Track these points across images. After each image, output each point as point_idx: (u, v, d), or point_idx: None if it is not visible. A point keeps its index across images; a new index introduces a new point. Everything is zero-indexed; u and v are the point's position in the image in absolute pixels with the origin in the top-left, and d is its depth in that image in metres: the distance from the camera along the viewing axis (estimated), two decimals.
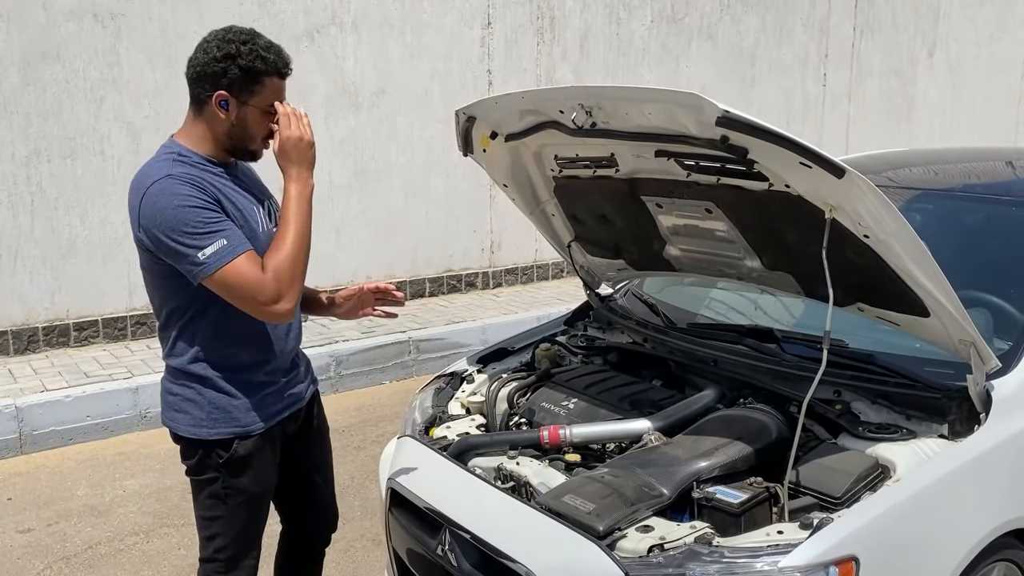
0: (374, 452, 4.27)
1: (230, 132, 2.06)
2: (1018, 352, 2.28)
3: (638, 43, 7.76)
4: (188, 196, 1.95)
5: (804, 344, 2.44)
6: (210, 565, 2.23)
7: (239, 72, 2.00)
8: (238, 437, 2.12)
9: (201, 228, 1.93)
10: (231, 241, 1.95)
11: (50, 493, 3.99)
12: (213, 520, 2.19)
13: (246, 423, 2.13)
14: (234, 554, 2.21)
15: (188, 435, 2.13)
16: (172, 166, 2.00)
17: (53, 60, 5.22)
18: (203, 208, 1.95)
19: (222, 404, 2.11)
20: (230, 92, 2.01)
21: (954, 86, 10.35)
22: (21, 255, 5.29)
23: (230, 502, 2.17)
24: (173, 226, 1.93)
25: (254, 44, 2.01)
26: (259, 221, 2.12)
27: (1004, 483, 2.14)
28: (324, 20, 6.09)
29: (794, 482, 2.03)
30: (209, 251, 1.93)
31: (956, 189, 3.27)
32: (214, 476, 2.15)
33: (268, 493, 2.27)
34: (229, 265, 1.93)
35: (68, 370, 5.01)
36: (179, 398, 2.14)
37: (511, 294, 7.10)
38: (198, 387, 2.11)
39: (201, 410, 2.11)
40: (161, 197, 1.95)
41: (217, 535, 2.19)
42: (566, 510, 1.99)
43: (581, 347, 2.96)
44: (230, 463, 2.13)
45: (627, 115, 2.14)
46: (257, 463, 2.17)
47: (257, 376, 2.15)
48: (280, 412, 2.21)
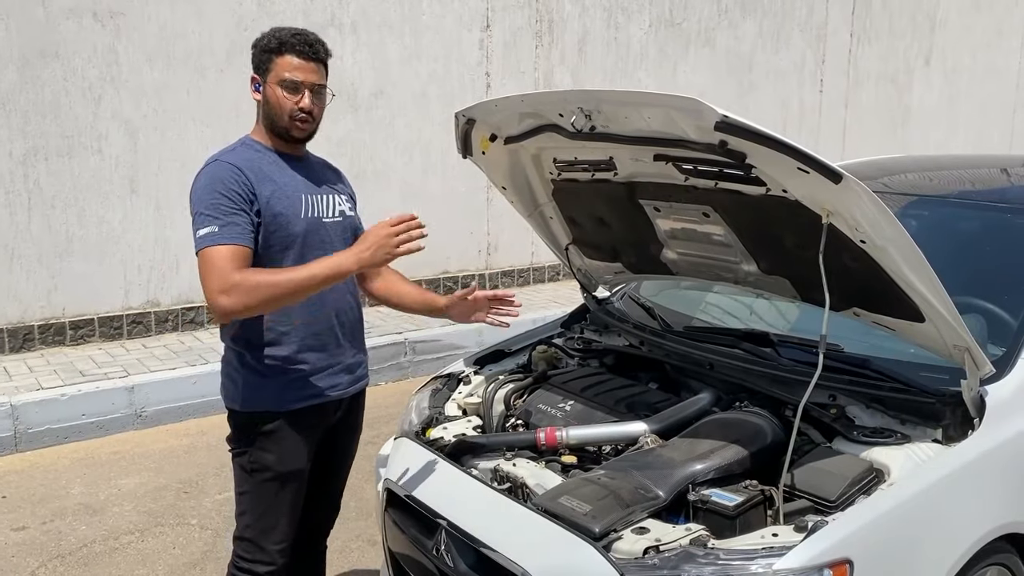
0: (369, 453, 4.25)
1: (265, 112, 2.25)
2: (1012, 358, 2.30)
3: (636, 47, 7.78)
4: (220, 180, 2.14)
5: (800, 348, 2.45)
6: (240, 544, 2.32)
7: (258, 53, 2.24)
8: (265, 413, 2.24)
9: (207, 211, 2.12)
10: (221, 231, 2.10)
11: (45, 491, 3.98)
12: (242, 495, 2.31)
13: (272, 401, 2.24)
14: (259, 533, 2.28)
15: (227, 405, 2.30)
16: (230, 152, 2.23)
17: (52, 58, 5.22)
18: (222, 195, 2.12)
19: (254, 380, 2.24)
20: (257, 73, 2.25)
21: (950, 94, 10.40)
22: (18, 253, 5.28)
23: (256, 477, 2.27)
24: (195, 204, 2.16)
25: (278, 29, 2.25)
26: (312, 206, 2.26)
27: (997, 488, 2.15)
28: (323, 21, 6.10)
29: (789, 485, 2.04)
30: (202, 232, 2.11)
31: (951, 196, 3.28)
32: (244, 450, 2.28)
33: (298, 476, 2.32)
34: (206, 249, 2.10)
35: (64, 368, 5.00)
36: (223, 373, 2.32)
37: None
38: (235, 363, 2.27)
39: (235, 384, 2.27)
40: (202, 176, 2.18)
41: (245, 512, 2.31)
42: (562, 511, 2.00)
43: (578, 349, 2.97)
44: (256, 437, 2.25)
45: (626, 119, 2.15)
46: (284, 442, 2.26)
47: (291, 359, 2.25)
48: (313, 397, 2.29)
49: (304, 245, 2.23)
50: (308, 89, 2.21)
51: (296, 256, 2.22)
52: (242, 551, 2.31)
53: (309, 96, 2.21)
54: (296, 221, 2.22)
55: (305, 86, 2.21)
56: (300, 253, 2.23)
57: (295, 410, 2.26)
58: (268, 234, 2.18)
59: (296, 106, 2.21)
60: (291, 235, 2.21)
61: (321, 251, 2.24)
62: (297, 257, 2.22)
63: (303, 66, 2.21)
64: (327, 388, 2.31)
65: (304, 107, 2.21)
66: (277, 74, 2.20)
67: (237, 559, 2.33)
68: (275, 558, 2.30)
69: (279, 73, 2.20)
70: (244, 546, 2.30)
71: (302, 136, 2.27)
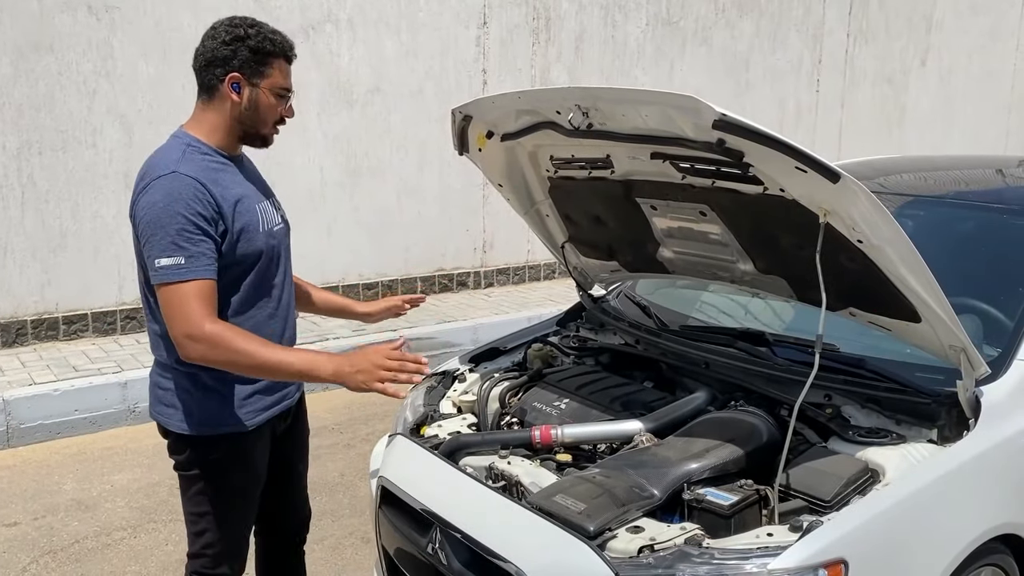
0: (364, 450, 4.27)
1: (242, 116, 2.07)
2: (1007, 358, 2.30)
3: (633, 46, 7.78)
4: (183, 200, 1.95)
5: (796, 348, 2.45)
6: (198, 561, 2.22)
7: (249, 53, 2.03)
8: (226, 435, 2.12)
9: (172, 238, 1.94)
10: (189, 263, 1.94)
11: (37, 487, 3.96)
12: (202, 516, 2.18)
13: (236, 421, 2.12)
14: (222, 550, 2.20)
15: (178, 431, 2.13)
16: (182, 160, 2.01)
17: (46, 52, 5.19)
18: (187, 218, 1.94)
19: (212, 401, 2.10)
20: (241, 73, 2.04)
21: (946, 95, 10.41)
22: (11, 248, 5.26)
23: (219, 498, 2.16)
24: (152, 223, 1.95)
25: (261, 28, 2.06)
26: (262, 215, 2.13)
27: (992, 489, 2.15)
28: (320, 17, 6.08)
29: (784, 485, 2.04)
30: (165, 262, 1.94)
31: (947, 196, 3.29)
32: (203, 473, 2.15)
33: (257, 489, 2.27)
34: (173, 285, 1.94)
35: (56, 364, 4.98)
36: (169, 393, 2.13)
37: (503, 294, 7.10)
38: (188, 382, 2.10)
39: (191, 406, 2.10)
40: (158, 191, 1.96)
41: (206, 531, 2.19)
42: (557, 510, 1.99)
43: (573, 348, 2.96)
44: (220, 460, 2.14)
45: (624, 117, 2.14)
46: (247, 460, 2.18)
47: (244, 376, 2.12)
48: (269, 409, 2.21)
49: (265, 260, 2.12)
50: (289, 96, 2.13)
51: (260, 272, 2.11)
52: (201, 566, 2.21)
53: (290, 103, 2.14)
54: (257, 236, 2.08)
55: (290, 93, 2.13)
56: (262, 269, 2.12)
57: (255, 428, 2.16)
58: (231, 251, 2.04)
59: (283, 114, 2.12)
60: (255, 252, 2.09)
61: (278, 266, 2.18)
62: (260, 273, 2.12)
63: (290, 70, 2.12)
64: (280, 400, 2.24)
65: (291, 115, 2.14)
66: (274, 81, 2.07)
67: (195, 574, 2.22)
68: (236, 570, 2.25)
69: (277, 80, 2.07)
70: (205, 562, 2.20)
71: (272, 142, 2.16)
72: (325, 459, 4.25)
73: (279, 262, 2.20)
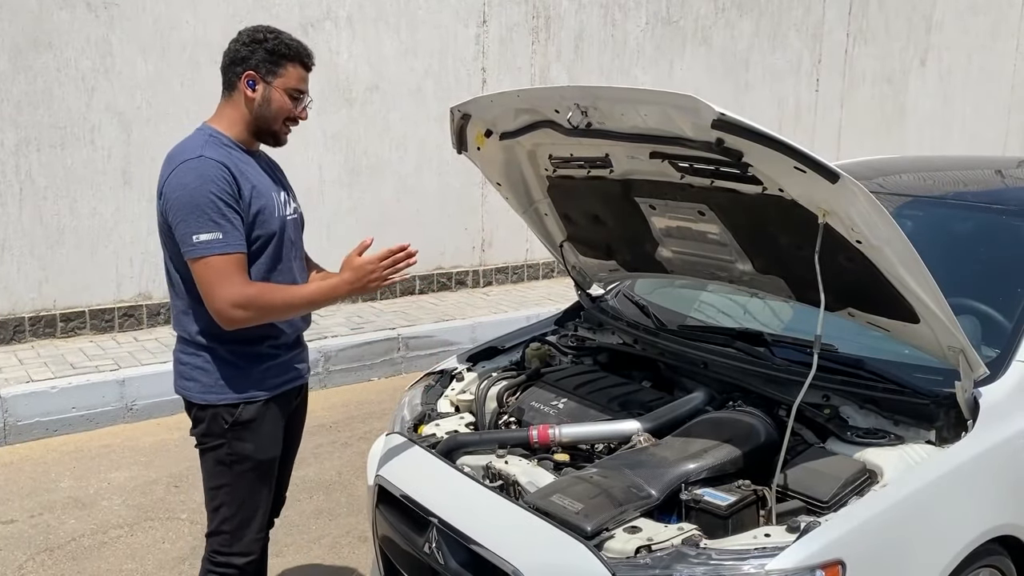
0: (361, 449, 4.26)
1: (257, 112, 2.25)
2: (1006, 359, 2.30)
3: (632, 45, 7.77)
4: (212, 180, 2.11)
5: (794, 348, 2.45)
6: (216, 539, 2.31)
7: (265, 54, 2.23)
8: (244, 402, 2.25)
9: (207, 215, 2.10)
10: (225, 238, 2.11)
11: (34, 484, 3.96)
12: (219, 489, 2.29)
13: (251, 389, 2.26)
14: (239, 525, 2.29)
15: (199, 400, 2.27)
16: (206, 147, 2.18)
17: (45, 48, 5.18)
18: (218, 197, 2.11)
19: (229, 372, 2.25)
20: (257, 72, 2.23)
21: (945, 95, 10.42)
22: (8, 245, 5.24)
23: (235, 468, 2.27)
24: (187, 203, 2.11)
25: (279, 35, 2.26)
26: (279, 204, 2.29)
27: (990, 490, 2.15)
28: (319, 15, 6.07)
29: (782, 485, 2.04)
30: (203, 237, 2.10)
31: (946, 197, 3.28)
32: (220, 442, 2.27)
33: (272, 464, 2.35)
34: (213, 257, 2.10)
35: (54, 361, 4.97)
36: (189, 367, 2.28)
37: (501, 293, 7.10)
38: (207, 355, 2.25)
39: (210, 377, 2.25)
40: (189, 174, 2.12)
41: (223, 505, 2.29)
42: (554, 510, 1.99)
43: (571, 347, 2.96)
44: (235, 427, 2.25)
45: (623, 116, 2.14)
46: (261, 430, 2.29)
47: (263, 348, 2.28)
48: (283, 384, 2.34)
49: (279, 244, 2.27)
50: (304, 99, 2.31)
51: (273, 255, 2.26)
52: (219, 545, 2.31)
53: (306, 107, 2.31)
54: (272, 220, 2.25)
55: (305, 96, 2.30)
56: (276, 252, 2.26)
57: (273, 396, 2.30)
58: (248, 232, 2.20)
59: (296, 114, 2.29)
60: (270, 234, 2.24)
61: (291, 249, 2.33)
62: (274, 256, 2.26)
63: (307, 78, 2.31)
64: (294, 374, 2.38)
65: (304, 117, 2.31)
66: (287, 81, 2.25)
67: (214, 554, 2.32)
68: (253, 548, 2.33)
69: (289, 81, 2.25)
70: (221, 540, 2.30)
71: (285, 141, 2.32)
72: (323, 458, 4.25)
73: (292, 249, 2.34)
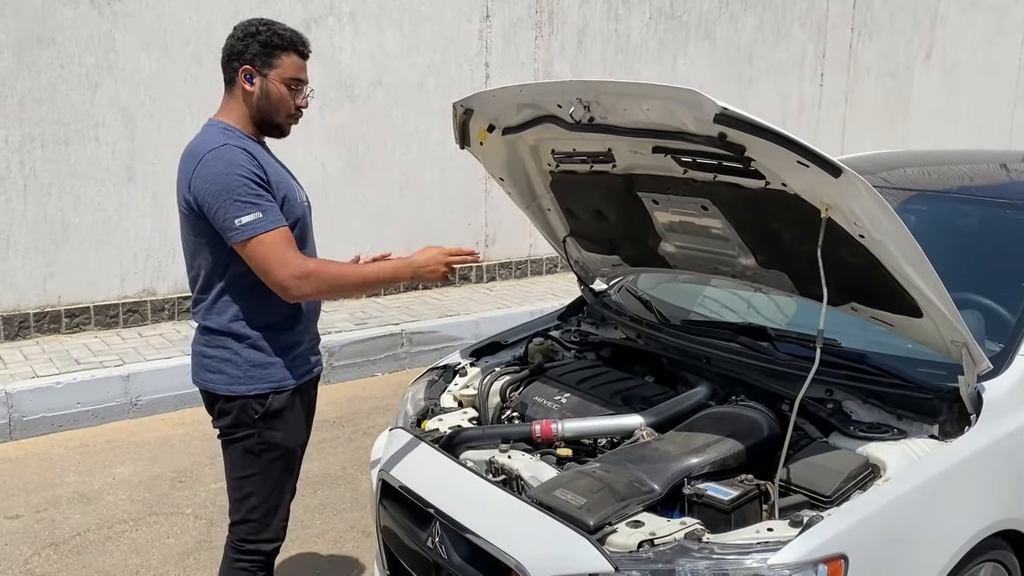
0: (365, 444, 4.27)
1: (257, 104, 2.26)
2: (1009, 354, 2.29)
3: (636, 39, 7.76)
4: (241, 165, 2.14)
5: (797, 343, 2.44)
6: (242, 527, 2.33)
7: (259, 47, 2.23)
8: (274, 391, 2.27)
9: (244, 197, 2.12)
10: (267, 216, 2.14)
11: (39, 480, 3.97)
12: (247, 479, 2.30)
13: (281, 378, 2.28)
14: (267, 512, 2.32)
15: (226, 392, 2.26)
16: (226, 136, 2.21)
17: (48, 45, 5.19)
18: (251, 179, 2.14)
19: (259, 361, 2.26)
20: (253, 65, 2.24)
21: (950, 89, 10.39)
22: (13, 241, 5.26)
23: (264, 457, 2.29)
24: (221, 190, 2.13)
25: (272, 26, 2.26)
26: (298, 191, 2.33)
27: (993, 484, 2.15)
28: (322, 11, 6.07)
29: (785, 480, 2.04)
30: (246, 219, 2.12)
31: (951, 191, 3.28)
32: (249, 432, 2.28)
33: (298, 451, 2.39)
34: (262, 236, 2.13)
35: (59, 357, 4.99)
36: (215, 359, 2.28)
37: (504, 288, 7.10)
38: (235, 346, 2.26)
39: (238, 368, 2.26)
40: (217, 162, 2.15)
41: (251, 494, 2.31)
42: (557, 504, 1.99)
43: (574, 342, 2.96)
44: (265, 417, 2.27)
45: (625, 111, 2.13)
46: (290, 417, 2.31)
47: (290, 336, 2.31)
48: (309, 372, 2.38)
49: (303, 229, 2.31)
50: (304, 88, 2.31)
51: (299, 240, 2.27)
52: (246, 533, 2.33)
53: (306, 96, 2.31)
54: (297, 206, 2.29)
55: (304, 85, 2.30)
56: (301, 237, 2.29)
57: (300, 384, 2.33)
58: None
59: (297, 104, 2.29)
60: (295, 218, 2.27)
61: (308, 236, 2.37)
62: (300, 241, 2.28)
63: (304, 66, 2.30)
64: (316, 361, 2.42)
65: (305, 105, 2.31)
66: (282, 72, 2.25)
67: (241, 542, 2.34)
68: (279, 533, 2.37)
69: (285, 71, 2.25)
70: (249, 528, 2.33)
71: (289, 132, 2.34)
72: (326, 452, 4.26)
73: (308, 234, 2.38)
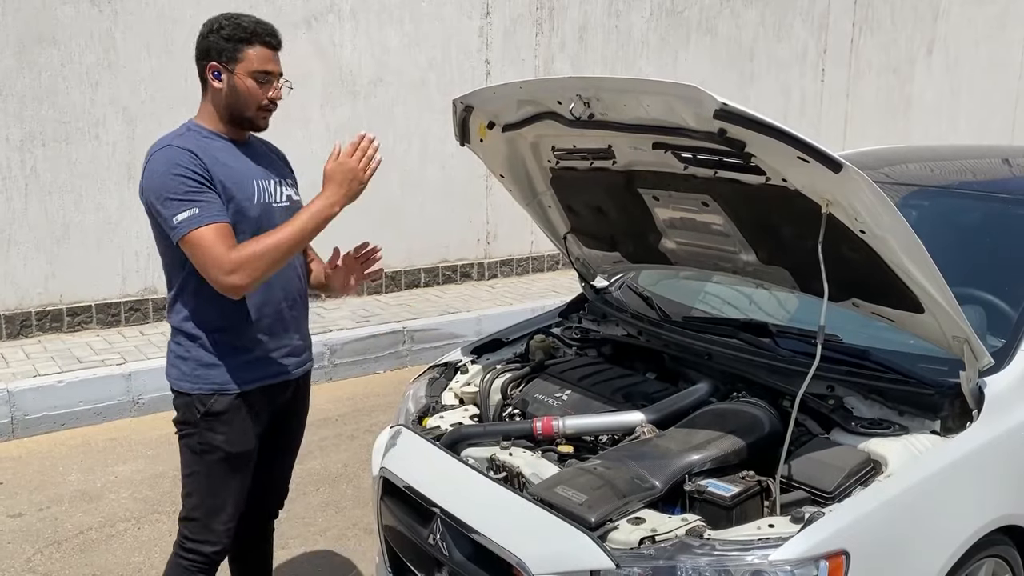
0: (367, 441, 4.26)
1: (226, 102, 2.22)
2: (1011, 349, 2.29)
3: (637, 35, 7.74)
4: (177, 165, 2.12)
5: (798, 339, 2.44)
6: (187, 525, 2.33)
7: (223, 42, 2.20)
8: (216, 393, 2.24)
9: (180, 195, 2.10)
10: (203, 211, 2.10)
11: (41, 478, 3.98)
12: (189, 477, 2.31)
13: (224, 381, 2.25)
14: (207, 513, 2.30)
15: (176, 388, 2.29)
16: (176, 137, 2.20)
17: (49, 43, 5.19)
18: (187, 178, 2.11)
19: (205, 361, 2.25)
20: (219, 62, 2.20)
21: (951, 85, 10.36)
22: (15, 239, 5.26)
23: (206, 458, 2.27)
24: (158, 191, 2.12)
25: (237, 19, 2.23)
26: (260, 189, 2.26)
27: (995, 480, 2.14)
28: (322, 8, 6.06)
29: (786, 476, 2.04)
30: (181, 216, 2.10)
31: (952, 186, 3.27)
32: (192, 431, 2.28)
33: (246, 457, 2.32)
34: (194, 232, 2.09)
35: (61, 355, 5.00)
36: (173, 354, 2.30)
37: (506, 285, 7.10)
38: (187, 344, 2.26)
39: (188, 365, 2.26)
40: (158, 162, 2.14)
41: (192, 492, 2.31)
42: (558, 501, 1.99)
43: (575, 339, 2.96)
44: (206, 417, 2.25)
45: (625, 107, 2.13)
46: (233, 422, 2.26)
47: (240, 340, 2.26)
48: (262, 379, 2.30)
49: (257, 231, 2.22)
50: (276, 80, 2.24)
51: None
52: (188, 531, 2.32)
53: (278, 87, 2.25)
54: (250, 207, 2.22)
55: (274, 77, 2.24)
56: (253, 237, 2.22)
57: (246, 391, 2.27)
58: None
59: (267, 97, 2.23)
60: (246, 220, 2.20)
61: None
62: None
63: (273, 57, 2.23)
64: (276, 370, 2.34)
65: (277, 98, 2.25)
66: (248, 65, 2.19)
67: (183, 539, 2.32)
68: (221, 537, 2.32)
69: (251, 64, 2.19)
70: (191, 526, 2.31)
71: (265, 126, 2.28)
72: (329, 450, 4.26)
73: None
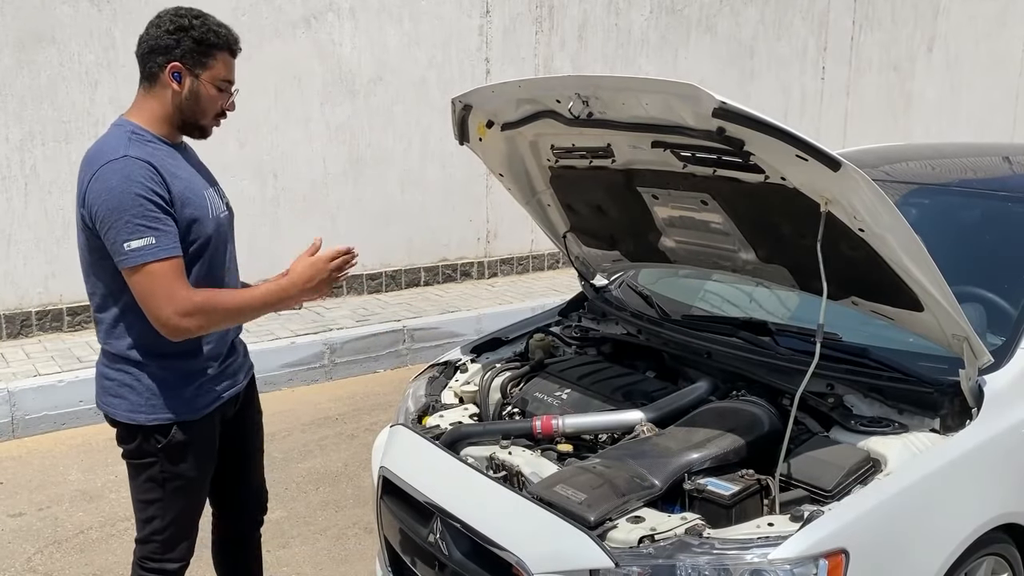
0: (367, 440, 4.27)
1: (182, 105, 2.07)
2: (1011, 347, 2.29)
3: (637, 34, 7.74)
4: (139, 182, 1.95)
5: (798, 337, 2.44)
6: (146, 546, 2.21)
7: (193, 43, 2.03)
8: (176, 423, 2.12)
9: (137, 219, 1.94)
10: (159, 242, 1.95)
11: (42, 478, 3.98)
12: (151, 503, 2.18)
13: (184, 410, 2.13)
14: (171, 536, 2.20)
15: (126, 420, 2.12)
16: (129, 146, 2.00)
17: (48, 43, 5.18)
18: (147, 199, 1.95)
19: (160, 390, 2.10)
20: (183, 63, 2.04)
21: (952, 82, 10.34)
22: (15, 239, 5.26)
23: (168, 486, 2.16)
24: (114, 209, 1.94)
25: (206, 20, 2.07)
26: (211, 204, 2.14)
27: (994, 478, 2.14)
28: (321, 6, 6.05)
29: (785, 475, 2.04)
30: (135, 244, 1.94)
31: (952, 184, 3.26)
32: (152, 461, 2.14)
33: (207, 477, 2.26)
34: (151, 265, 1.94)
35: (61, 355, 5.00)
36: (116, 383, 2.12)
37: (506, 284, 7.10)
38: (136, 372, 2.10)
39: (139, 396, 2.10)
40: (113, 176, 1.96)
41: (155, 518, 2.19)
42: (557, 500, 1.99)
43: (575, 338, 2.96)
44: (169, 448, 2.13)
45: (624, 105, 2.13)
46: (196, 448, 2.17)
47: (194, 364, 2.14)
48: (218, 398, 2.21)
49: (213, 246, 2.13)
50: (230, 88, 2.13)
51: (208, 259, 2.12)
52: (150, 552, 2.21)
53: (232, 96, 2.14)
54: (207, 222, 2.09)
55: (231, 85, 2.13)
56: (210, 255, 2.13)
57: (205, 415, 2.17)
58: (184, 236, 2.04)
59: (223, 107, 2.12)
60: (204, 236, 2.09)
61: (224, 251, 2.19)
62: (209, 260, 2.12)
63: (234, 65, 2.12)
64: (227, 386, 2.25)
65: (230, 108, 2.14)
66: (216, 73, 2.07)
67: (144, 559, 2.22)
68: (185, 555, 2.25)
69: (218, 72, 2.07)
70: (152, 548, 2.21)
71: (211, 134, 2.16)
72: (329, 449, 4.26)
73: (225, 249, 2.20)
